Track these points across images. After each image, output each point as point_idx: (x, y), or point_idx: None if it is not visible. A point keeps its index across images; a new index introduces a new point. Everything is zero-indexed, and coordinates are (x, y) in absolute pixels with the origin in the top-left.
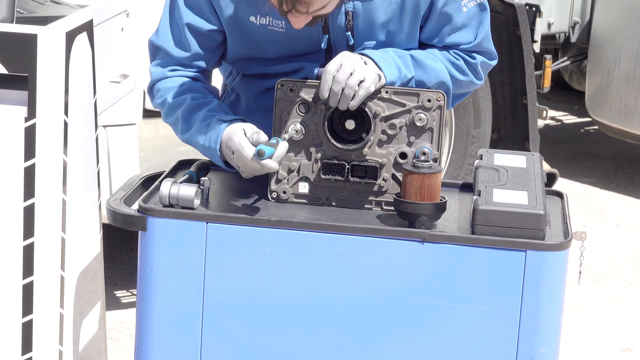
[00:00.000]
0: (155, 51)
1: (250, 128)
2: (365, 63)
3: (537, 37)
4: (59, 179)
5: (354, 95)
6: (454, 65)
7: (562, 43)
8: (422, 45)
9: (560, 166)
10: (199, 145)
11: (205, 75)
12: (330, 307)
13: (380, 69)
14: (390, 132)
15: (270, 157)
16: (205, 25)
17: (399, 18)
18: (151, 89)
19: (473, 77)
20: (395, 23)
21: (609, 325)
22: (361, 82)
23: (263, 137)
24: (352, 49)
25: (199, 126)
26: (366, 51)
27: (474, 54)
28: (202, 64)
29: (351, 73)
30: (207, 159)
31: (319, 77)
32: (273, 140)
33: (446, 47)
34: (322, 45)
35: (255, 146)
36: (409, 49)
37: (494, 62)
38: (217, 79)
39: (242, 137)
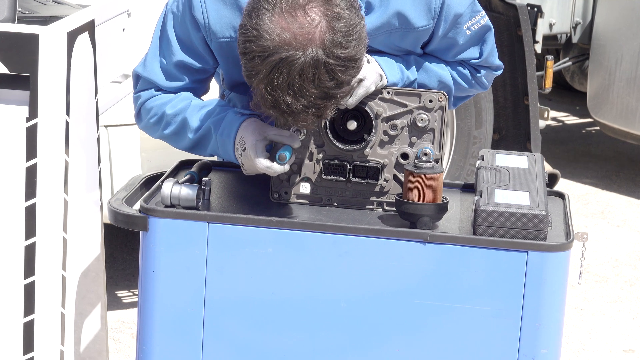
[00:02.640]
0: (140, 80)
1: (272, 128)
2: (368, 61)
3: (539, 37)
4: (61, 179)
5: (353, 92)
6: (460, 74)
7: (564, 44)
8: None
9: (562, 167)
10: (212, 139)
11: None
12: (332, 308)
13: (382, 69)
14: (391, 132)
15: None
16: (198, 63)
17: (398, 46)
18: (139, 112)
19: (477, 86)
20: (394, 51)
21: (610, 326)
22: (361, 80)
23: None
24: None
25: (212, 120)
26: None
27: (480, 69)
28: (191, 93)
29: None
30: (208, 159)
31: None
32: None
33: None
34: None
35: (271, 150)
36: None
37: (499, 72)
38: (214, 87)
39: (259, 140)
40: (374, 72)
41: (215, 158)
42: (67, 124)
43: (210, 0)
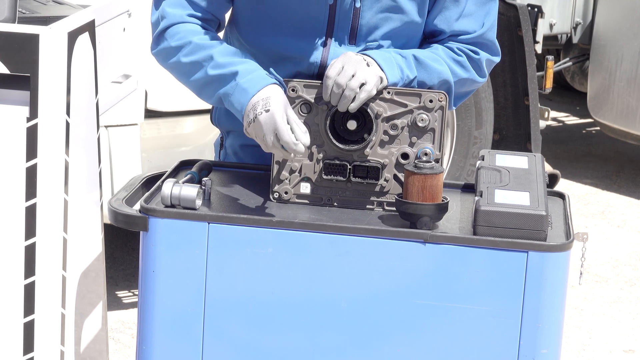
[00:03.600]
0: None
1: (293, 112)
2: (368, 65)
3: (539, 37)
4: (61, 179)
5: (355, 97)
6: (457, 62)
7: (564, 44)
8: (429, 38)
9: (562, 167)
10: (229, 83)
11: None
12: (332, 308)
13: (382, 70)
14: (392, 132)
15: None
16: None
17: (403, 8)
18: (162, 33)
19: (475, 74)
20: (399, 28)
21: (610, 326)
22: (363, 84)
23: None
24: (357, 11)
25: (243, 67)
26: (368, 52)
27: (478, 50)
28: (211, 7)
29: (353, 75)
30: (209, 159)
31: (320, 76)
32: None
33: (452, 37)
34: (329, 1)
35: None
36: (414, 38)
37: (497, 59)
38: None
39: (287, 110)
40: (374, 76)
41: (213, 157)
42: (68, 124)
43: None
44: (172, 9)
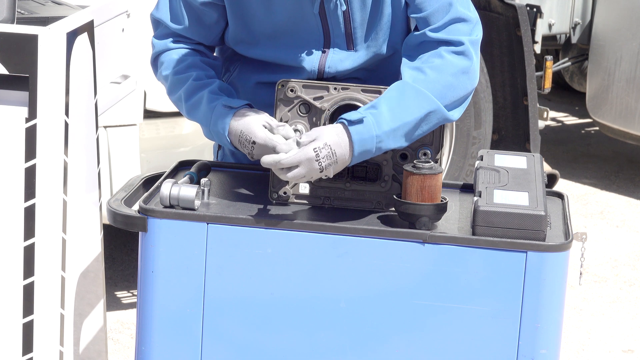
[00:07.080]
0: (156, 24)
1: (269, 120)
2: (321, 170)
3: (538, 38)
4: (60, 179)
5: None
6: (437, 69)
7: (563, 44)
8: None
9: (561, 167)
10: (205, 129)
11: (207, 47)
12: (331, 308)
13: (353, 152)
14: None
15: None
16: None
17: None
18: (155, 61)
19: (468, 67)
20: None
21: (609, 326)
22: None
23: (289, 129)
24: (347, 15)
25: (204, 109)
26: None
27: (461, 40)
28: (199, 38)
29: (303, 176)
30: (207, 160)
31: (319, 80)
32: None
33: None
34: (315, 11)
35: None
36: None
37: (478, 34)
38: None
39: (265, 130)
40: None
41: (211, 157)
42: (67, 124)
43: None
44: (157, 40)
